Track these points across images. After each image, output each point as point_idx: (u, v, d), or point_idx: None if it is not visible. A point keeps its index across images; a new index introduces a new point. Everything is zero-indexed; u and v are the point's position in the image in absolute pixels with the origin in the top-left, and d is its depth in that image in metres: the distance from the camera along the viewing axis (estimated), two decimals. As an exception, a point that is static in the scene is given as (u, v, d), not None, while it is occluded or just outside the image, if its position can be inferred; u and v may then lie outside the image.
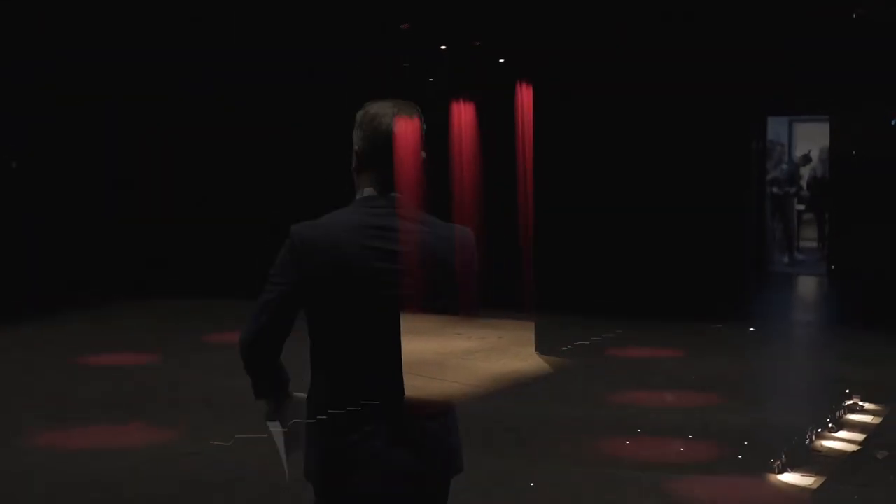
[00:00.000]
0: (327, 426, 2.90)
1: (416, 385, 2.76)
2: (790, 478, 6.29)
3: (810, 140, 18.99)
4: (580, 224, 13.56)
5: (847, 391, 8.07)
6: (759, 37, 12.93)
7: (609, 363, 9.56)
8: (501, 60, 12.13)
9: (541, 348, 2.99)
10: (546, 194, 4.87)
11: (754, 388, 8.99)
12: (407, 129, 2.93)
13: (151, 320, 12.01)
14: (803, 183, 18.23)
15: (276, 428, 3.10)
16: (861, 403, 7.91)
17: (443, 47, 12.85)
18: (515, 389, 3.02)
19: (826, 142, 16.11)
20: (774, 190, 17.22)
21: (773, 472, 6.37)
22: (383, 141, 2.92)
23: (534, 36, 12.41)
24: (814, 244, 18.07)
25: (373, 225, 2.91)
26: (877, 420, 7.58)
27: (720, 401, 8.27)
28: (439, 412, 2.98)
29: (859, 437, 7.19)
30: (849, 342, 10.73)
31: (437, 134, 3.35)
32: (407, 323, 2.81)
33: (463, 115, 3.08)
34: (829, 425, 7.32)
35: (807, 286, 15.81)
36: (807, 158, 18.49)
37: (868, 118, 14.31)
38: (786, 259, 17.16)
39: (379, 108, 2.97)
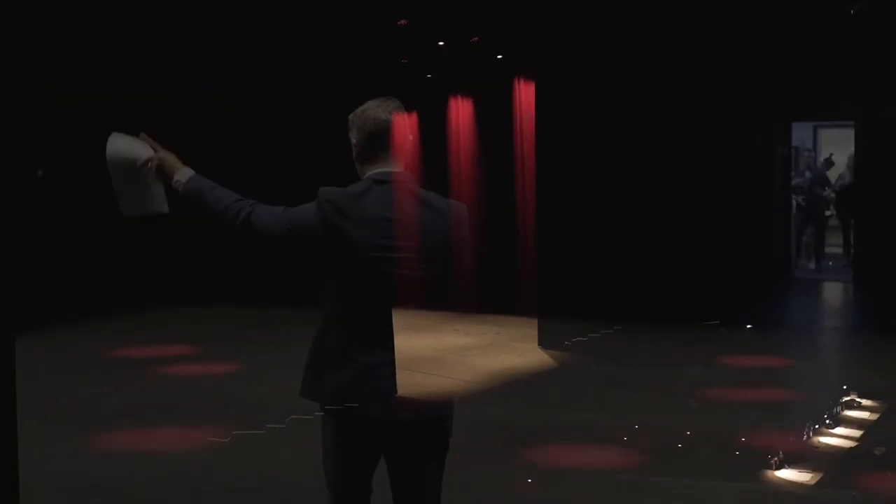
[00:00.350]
0: (338, 355, 3.33)
1: (413, 381, 2.76)
2: (788, 474, 6.30)
3: (835, 145, 18.96)
4: (585, 225, 13.53)
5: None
6: (767, 38, 12.88)
7: (612, 364, 9.55)
8: (500, 57, 12.11)
9: (542, 344, 2.99)
10: (546, 194, 4.87)
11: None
12: (396, 118, 3.42)
13: (151, 324, 11.99)
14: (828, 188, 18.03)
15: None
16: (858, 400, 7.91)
17: (441, 43, 12.83)
18: (514, 386, 3.02)
19: (851, 147, 15.98)
20: (799, 200, 17.11)
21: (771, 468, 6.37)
22: (375, 130, 3.45)
23: (533, 34, 12.39)
24: (839, 250, 17.85)
25: (378, 198, 3.38)
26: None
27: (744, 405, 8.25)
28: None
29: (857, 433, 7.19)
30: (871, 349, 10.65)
31: (436, 131, 3.46)
32: (405, 319, 2.83)
33: (461, 111, 3.14)
34: (828, 422, 7.32)
35: (833, 292, 15.67)
36: (829, 163, 18.39)
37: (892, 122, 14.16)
38: (812, 265, 17.07)
39: (366, 106, 3.53)
